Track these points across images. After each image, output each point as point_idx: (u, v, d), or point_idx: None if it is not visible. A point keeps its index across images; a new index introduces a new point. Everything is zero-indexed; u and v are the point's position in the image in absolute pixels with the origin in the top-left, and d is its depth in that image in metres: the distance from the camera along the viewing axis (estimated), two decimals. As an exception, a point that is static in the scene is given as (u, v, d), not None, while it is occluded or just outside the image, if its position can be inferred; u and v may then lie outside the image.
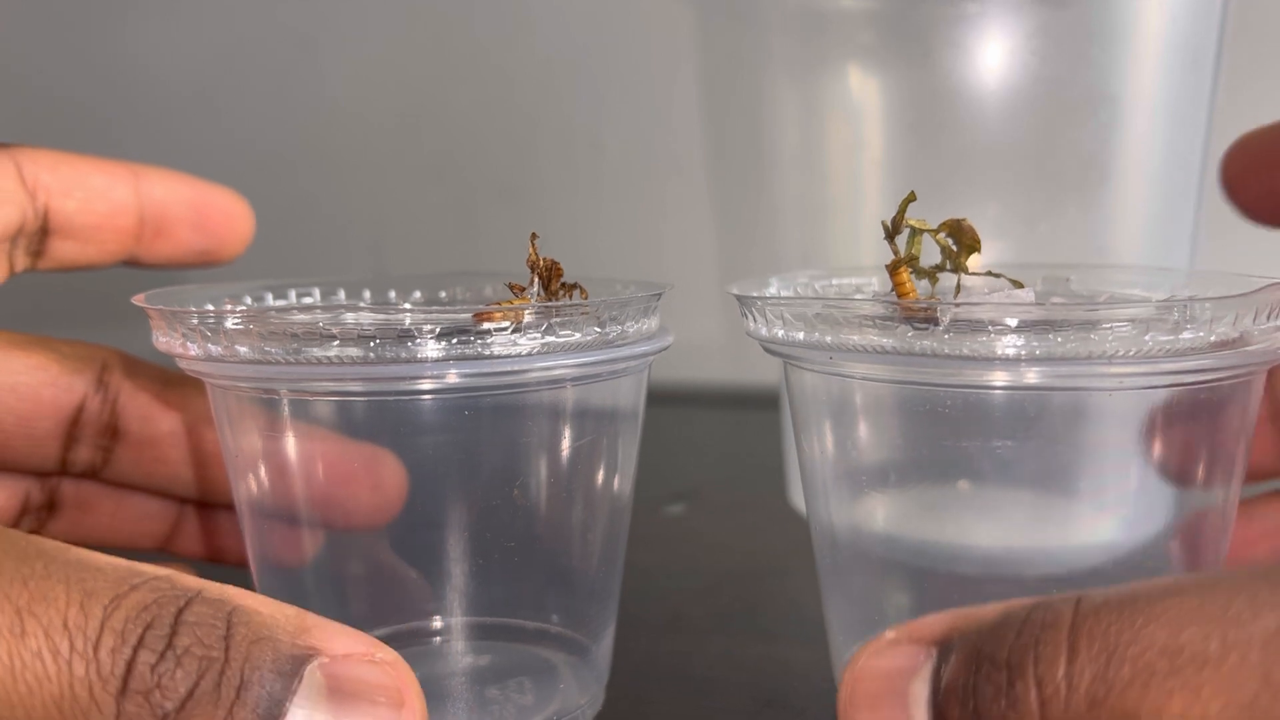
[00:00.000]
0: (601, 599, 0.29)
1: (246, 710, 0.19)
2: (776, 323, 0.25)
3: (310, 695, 0.19)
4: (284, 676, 0.19)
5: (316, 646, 0.20)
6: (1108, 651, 0.17)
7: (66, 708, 0.18)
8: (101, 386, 0.31)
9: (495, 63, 0.71)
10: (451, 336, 0.24)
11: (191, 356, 0.25)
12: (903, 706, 0.19)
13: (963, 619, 0.19)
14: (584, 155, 0.71)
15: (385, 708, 0.20)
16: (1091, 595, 0.18)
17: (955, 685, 0.18)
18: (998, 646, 0.18)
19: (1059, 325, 0.22)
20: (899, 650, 0.20)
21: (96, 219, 0.30)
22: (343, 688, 0.20)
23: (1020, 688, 0.17)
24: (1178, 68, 0.40)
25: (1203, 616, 0.17)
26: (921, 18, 0.38)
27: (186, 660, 0.19)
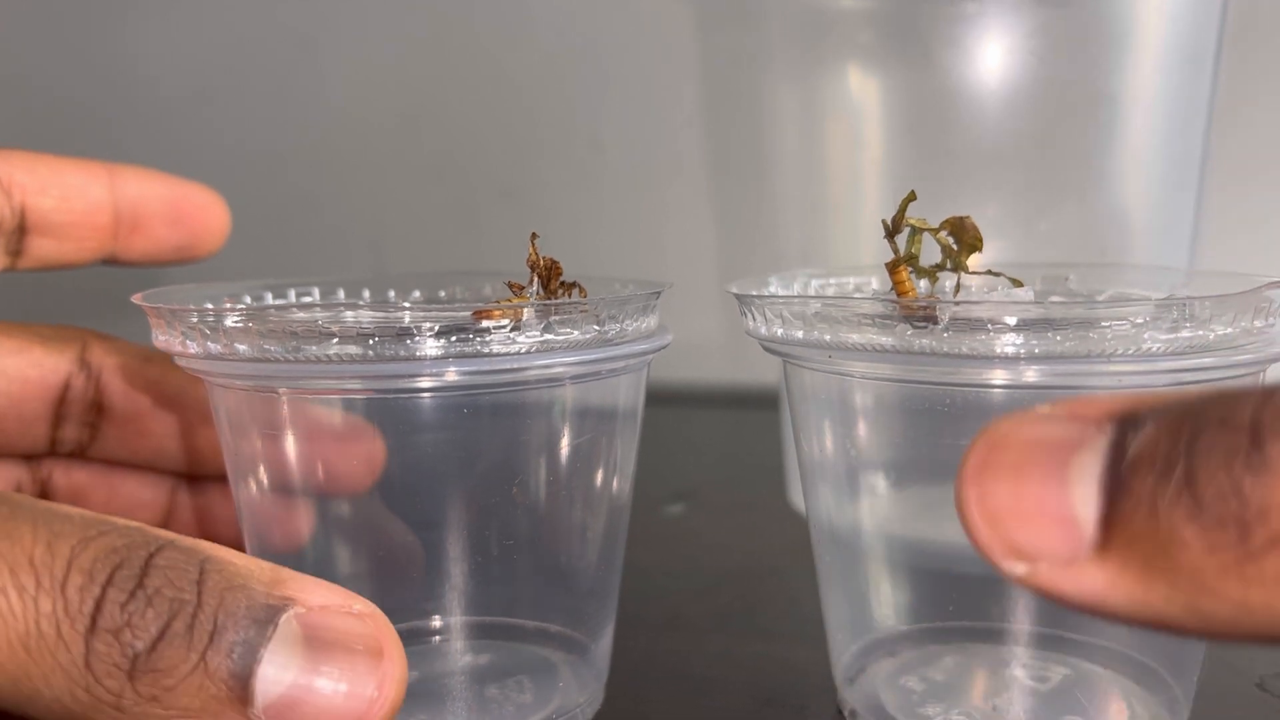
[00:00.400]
0: (601, 598, 0.29)
1: (220, 655, 0.19)
2: (776, 321, 0.25)
3: (285, 643, 0.19)
4: (259, 624, 0.19)
5: (292, 597, 0.20)
6: None
7: (33, 645, 0.18)
8: (84, 365, 0.32)
9: (495, 62, 0.71)
10: (450, 334, 0.24)
11: (191, 355, 0.25)
12: (1059, 480, 0.16)
13: (1153, 397, 0.16)
14: (584, 155, 0.71)
15: (363, 657, 0.20)
16: None
17: (1152, 454, 0.15)
18: (1233, 410, 0.14)
19: (1058, 324, 0.22)
20: (1057, 423, 0.16)
21: (74, 216, 0.31)
22: (319, 636, 0.19)
23: (1274, 449, 0.14)
24: (1177, 67, 0.40)
25: None
26: (921, 18, 0.38)
27: (157, 601, 0.19)
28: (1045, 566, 0.16)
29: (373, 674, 0.20)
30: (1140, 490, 0.15)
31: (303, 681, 0.19)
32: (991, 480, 0.16)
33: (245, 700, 0.19)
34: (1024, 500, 0.16)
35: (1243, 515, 0.14)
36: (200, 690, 0.19)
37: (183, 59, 0.76)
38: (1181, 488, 0.14)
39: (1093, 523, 0.15)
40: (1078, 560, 0.15)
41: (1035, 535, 0.16)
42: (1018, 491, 0.16)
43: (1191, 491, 0.14)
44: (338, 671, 0.19)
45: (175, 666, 0.18)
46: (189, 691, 0.19)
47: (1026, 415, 0.17)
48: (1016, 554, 0.16)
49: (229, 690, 0.19)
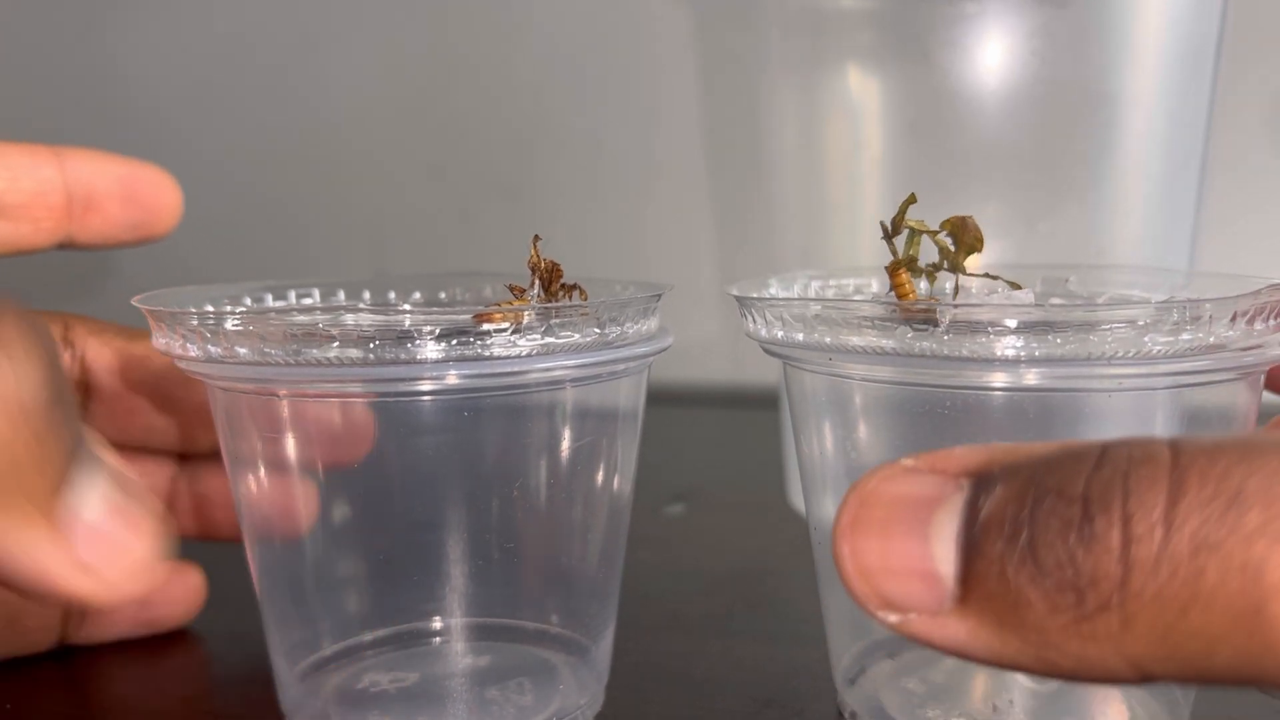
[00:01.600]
0: (601, 599, 0.29)
1: None
2: (776, 324, 0.25)
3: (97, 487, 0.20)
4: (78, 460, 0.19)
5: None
6: (1229, 494, 0.15)
7: None
8: (68, 345, 0.32)
9: (495, 63, 0.71)
10: (451, 337, 0.24)
11: (191, 358, 0.25)
12: (921, 538, 0.17)
13: (1004, 453, 0.17)
14: (583, 155, 0.71)
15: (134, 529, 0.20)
16: (1190, 438, 0.16)
17: (1001, 517, 0.16)
18: (1068, 479, 0.16)
19: (1058, 326, 0.22)
20: (920, 478, 0.18)
21: (25, 196, 0.30)
22: None
23: (1101, 524, 0.15)
24: (1177, 67, 0.40)
25: None
26: (921, 18, 0.38)
27: None
28: (914, 617, 0.17)
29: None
30: (991, 552, 0.16)
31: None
32: (862, 537, 0.18)
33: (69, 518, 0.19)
34: (891, 557, 0.17)
35: (1077, 582, 0.15)
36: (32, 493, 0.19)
37: (182, 59, 0.76)
38: (1025, 555, 0.16)
39: (952, 579, 0.17)
40: (942, 612, 0.17)
41: (903, 590, 0.17)
42: (885, 548, 0.17)
43: (1034, 558, 0.16)
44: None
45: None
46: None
47: (893, 470, 0.18)
48: (888, 606, 0.17)
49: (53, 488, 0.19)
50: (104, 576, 0.20)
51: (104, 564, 0.20)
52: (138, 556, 0.20)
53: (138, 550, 0.20)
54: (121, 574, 0.20)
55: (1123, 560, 0.15)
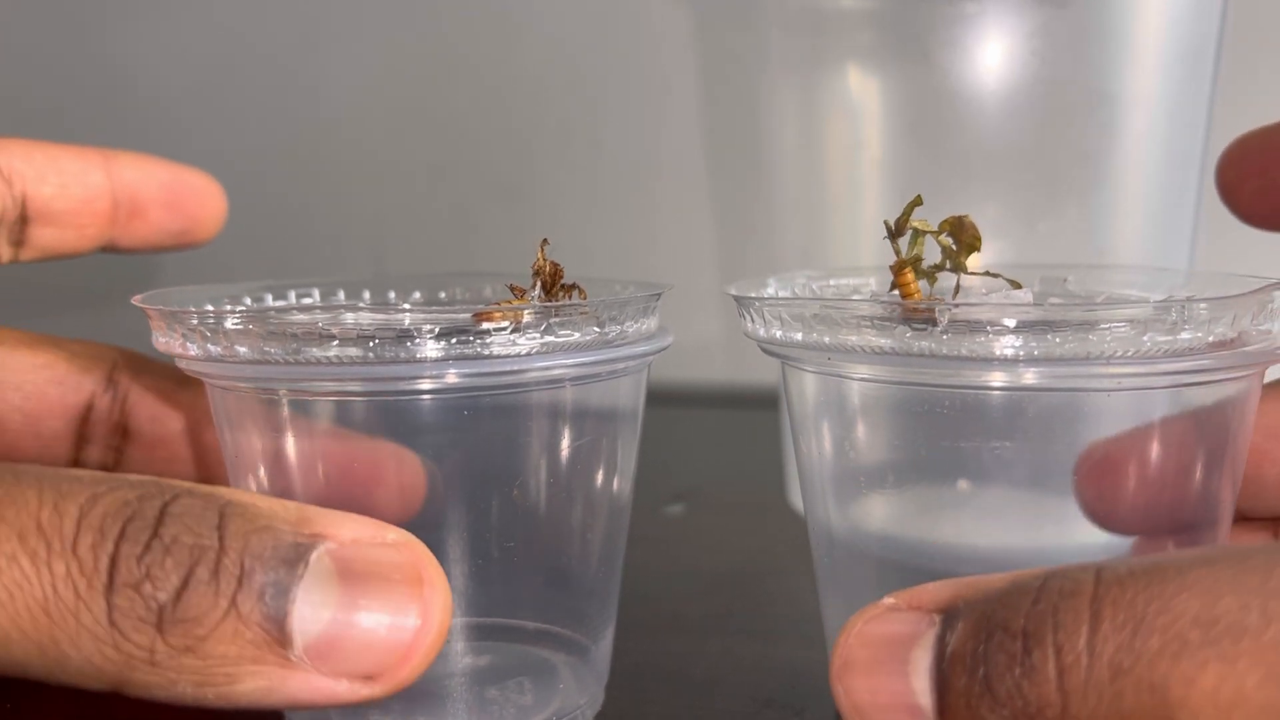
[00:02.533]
0: (601, 599, 0.29)
1: (251, 598, 0.18)
2: (774, 323, 0.25)
3: (319, 580, 0.18)
4: (288, 564, 0.18)
5: (321, 533, 0.19)
6: (1135, 620, 0.16)
7: (53, 609, 0.18)
8: (111, 385, 0.31)
9: (494, 62, 0.71)
10: (451, 336, 0.24)
11: (191, 356, 0.25)
12: (902, 674, 0.19)
13: (967, 587, 0.19)
14: (583, 155, 0.71)
15: (401, 586, 0.19)
16: (1112, 565, 0.18)
17: (963, 653, 0.18)
18: (1011, 614, 0.18)
19: (1057, 326, 0.22)
20: (899, 617, 0.19)
21: (74, 204, 0.30)
22: (354, 570, 0.19)
23: (1038, 656, 0.17)
24: (1177, 67, 0.40)
25: (1240, 588, 0.16)
26: (921, 17, 0.38)
27: (176, 549, 0.18)
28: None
29: (414, 602, 0.19)
30: (958, 686, 0.18)
31: (341, 617, 0.18)
32: (852, 677, 0.19)
33: (284, 643, 0.18)
34: (879, 694, 0.19)
35: (1027, 710, 0.17)
36: (235, 637, 0.18)
37: (182, 59, 0.76)
38: (984, 687, 0.17)
39: (932, 710, 0.18)
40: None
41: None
42: (873, 686, 0.19)
43: (990, 690, 0.17)
44: (377, 603, 0.19)
45: (205, 614, 0.18)
46: (224, 639, 0.18)
47: (877, 609, 0.20)
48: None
49: (265, 634, 0.18)
50: (383, 678, 0.19)
51: (366, 666, 0.19)
52: (419, 596, 0.19)
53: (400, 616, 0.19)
54: (399, 658, 0.19)
55: (1060, 688, 0.17)
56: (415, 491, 0.26)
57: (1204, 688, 0.16)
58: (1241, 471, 0.26)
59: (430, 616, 0.19)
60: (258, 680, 0.18)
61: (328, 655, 0.18)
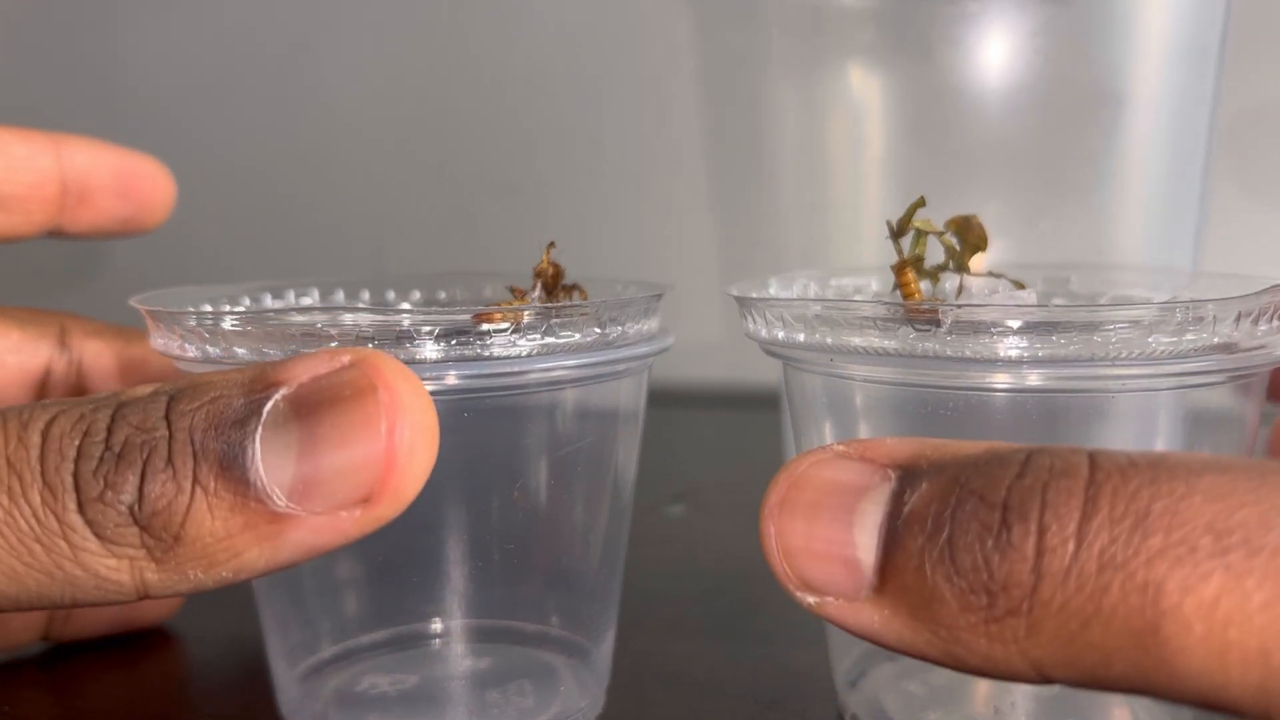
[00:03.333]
0: (602, 601, 0.29)
1: (210, 471, 0.18)
2: (776, 324, 0.25)
3: (276, 427, 0.18)
4: (240, 423, 0.18)
5: (275, 381, 0.18)
6: (1136, 515, 0.15)
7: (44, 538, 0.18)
8: (65, 349, 0.31)
9: (494, 62, 0.71)
10: (450, 337, 0.24)
11: (189, 358, 0.25)
12: (845, 525, 0.18)
13: (934, 448, 0.18)
14: (584, 155, 0.71)
15: (355, 398, 0.18)
16: (1108, 453, 0.17)
17: (924, 514, 0.17)
18: (990, 484, 0.17)
19: (1062, 327, 0.21)
20: (849, 465, 0.18)
21: (21, 189, 0.30)
22: (307, 403, 0.18)
23: (1018, 532, 0.16)
24: (1181, 65, 0.39)
25: (1262, 500, 0.15)
26: (923, 16, 0.38)
27: (128, 451, 0.18)
28: (831, 600, 0.18)
29: (374, 409, 0.18)
30: (910, 547, 0.17)
31: (307, 452, 0.18)
32: (788, 518, 0.18)
33: (264, 499, 0.18)
34: (814, 540, 0.18)
35: (990, 586, 0.16)
36: (215, 510, 0.18)
37: (181, 58, 0.76)
38: (944, 553, 0.16)
39: (871, 568, 0.17)
40: (858, 599, 0.18)
41: (823, 573, 0.18)
42: (809, 531, 0.18)
43: (951, 558, 0.16)
44: (337, 427, 0.18)
45: (171, 502, 0.18)
46: (203, 517, 0.18)
47: (825, 454, 0.19)
48: (807, 588, 0.18)
49: (237, 497, 0.18)
50: (380, 497, 0.18)
51: (355, 490, 0.18)
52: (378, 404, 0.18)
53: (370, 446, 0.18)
54: (385, 472, 0.18)
55: (1035, 570, 0.16)
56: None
57: (1202, 597, 0.15)
58: None
59: (399, 418, 0.18)
60: (261, 544, 0.18)
61: (311, 494, 0.18)
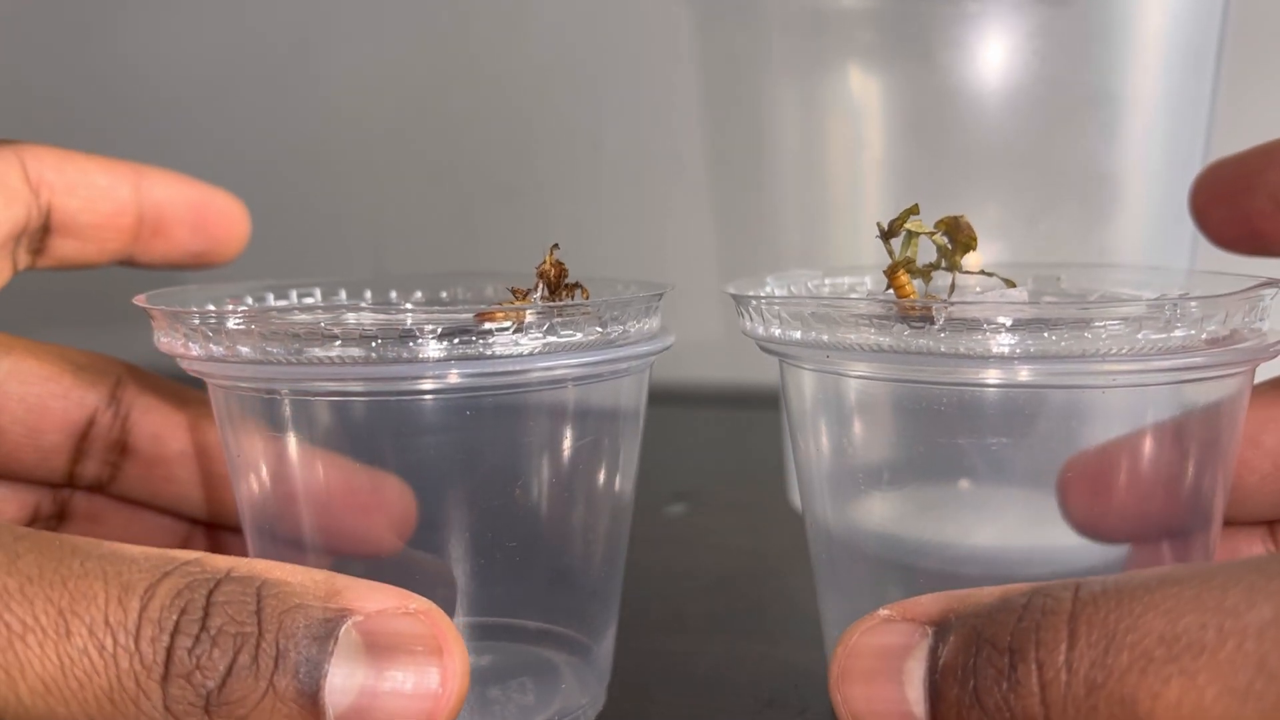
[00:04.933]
0: (603, 599, 0.29)
1: (287, 677, 0.19)
2: (773, 321, 0.25)
3: (348, 654, 0.20)
4: (319, 640, 0.20)
5: (348, 607, 0.20)
6: (1106, 638, 0.17)
7: (117, 699, 0.19)
8: (114, 401, 0.31)
9: (495, 62, 0.71)
10: (453, 336, 0.24)
11: (193, 356, 0.25)
12: (897, 683, 0.20)
13: (959, 601, 0.20)
14: (584, 155, 0.71)
15: (424, 655, 0.20)
16: (1090, 583, 0.18)
17: (954, 666, 0.19)
18: (999, 630, 0.19)
19: (1053, 323, 0.22)
20: (894, 628, 0.20)
21: (99, 218, 0.30)
22: (379, 643, 0.20)
23: (1022, 671, 0.18)
24: (1179, 67, 0.40)
25: (1200, 606, 0.17)
26: (922, 17, 0.38)
27: (221, 639, 0.19)
28: None
29: (435, 670, 0.20)
30: (949, 696, 0.19)
31: (369, 687, 0.20)
32: (849, 686, 0.21)
33: (318, 714, 0.20)
34: (875, 703, 0.20)
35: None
36: (274, 713, 0.19)
37: (182, 60, 0.76)
38: (973, 700, 0.18)
39: (926, 718, 0.19)
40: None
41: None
42: (869, 694, 0.20)
43: (979, 702, 0.18)
44: (401, 673, 0.20)
45: (247, 696, 0.19)
46: (263, 715, 0.19)
47: (873, 621, 0.21)
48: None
49: (300, 708, 0.20)
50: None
51: None
52: (440, 663, 0.20)
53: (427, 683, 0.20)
54: (451, 683, 0.20)
55: (1043, 702, 0.18)
56: (406, 524, 0.27)
57: (1168, 701, 0.17)
58: (1232, 472, 0.26)
59: (451, 683, 0.20)
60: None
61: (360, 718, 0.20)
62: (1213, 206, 0.31)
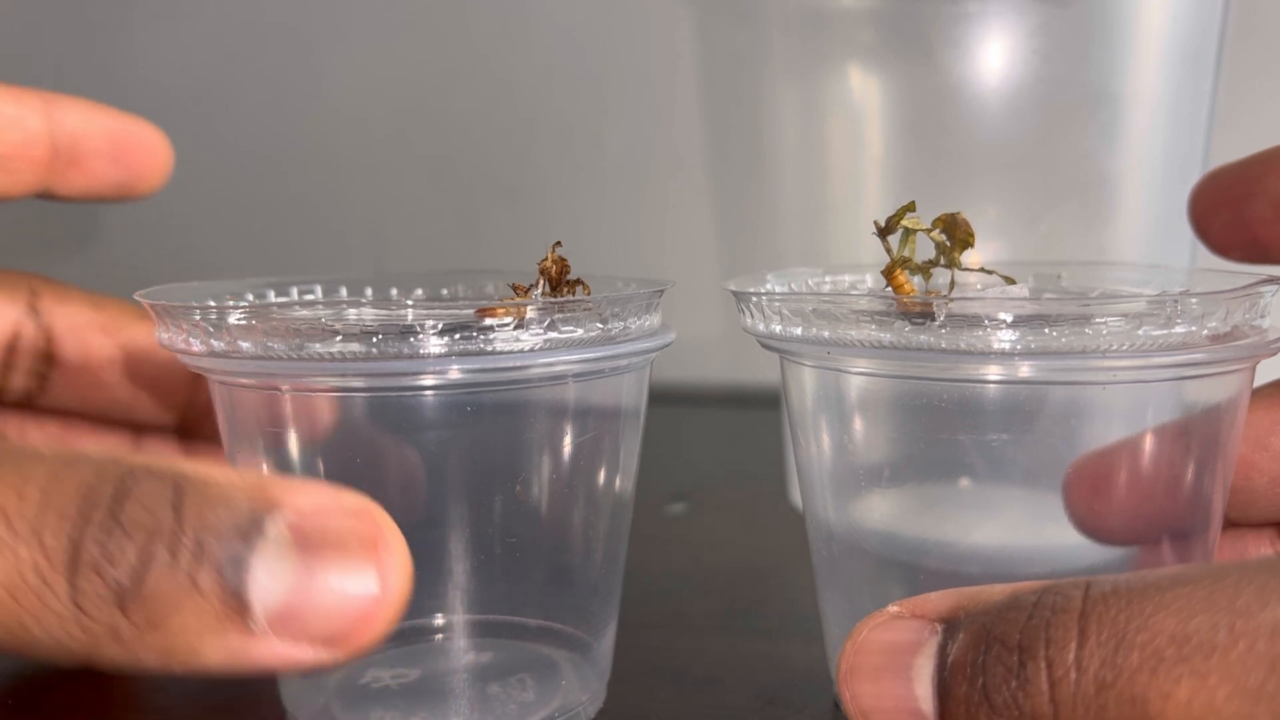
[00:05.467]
0: (603, 596, 0.29)
1: (208, 573, 0.18)
2: (774, 318, 0.25)
3: (276, 550, 0.19)
4: (244, 535, 0.18)
5: (278, 500, 0.19)
6: (1117, 637, 0.17)
7: (19, 593, 0.18)
8: (33, 312, 0.31)
9: (495, 62, 0.71)
10: (454, 332, 0.24)
11: (194, 352, 0.25)
12: (906, 680, 0.20)
13: (968, 599, 0.20)
14: (584, 153, 0.71)
15: (360, 553, 0.19)
16: (1100, 582, 0.19)
17: (963, 663, 0.19)
18: (1008, 628, 0.19)
19: (1054, 320, 0.22)
20: (903, 625, 0.20)
21: (8, 149, 0.29)
22: (310, 539, 0.19)
23: (1031, 669, 0.18)
24: (1179, 67, 0.40)
25: (1211, 606, 0.17)
26: (922, 16, 0.38)
27: (135, 531, 0.18)
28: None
29: (371, 568, 0.19)
30: (958, 694, 0.19)
31: (299, 586, 0.19)
32: (858, 682, 0.20)
33: (245, 613, 0.18)
34: (883, 699, 0.20)
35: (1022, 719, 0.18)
36: (196, 611, 0.18)
37: (182, 59, 0.76)
38: (982, 697, 0.18)
39: (934, 715, 0.19)
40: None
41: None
42: (878, 691, 0.20)
43: (988, 700, 0.18)
44: (335, 571, 0.19)
45: (165, 592, 0.18)
46: (185, 614, 0.18)
47: (881, 617, 0.21)
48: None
49: (225, 606, 0.18)
50: (344, 643, 0.19)
51: (327, 632, 0.19)
52: (376, 562, 0.19)
53: (360, 588, 0.19)
54: (359, 623, 0.19)
55: (1052, 700, 0.18)
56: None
57: (1179, 701, 0.17)
58: (1232, 473, 0.26)
59: (389, 582, 0.19)
60: (221, 650, 0.18)
61: (288, 623, 0.19)
62: (1212, 214, 0.31)
